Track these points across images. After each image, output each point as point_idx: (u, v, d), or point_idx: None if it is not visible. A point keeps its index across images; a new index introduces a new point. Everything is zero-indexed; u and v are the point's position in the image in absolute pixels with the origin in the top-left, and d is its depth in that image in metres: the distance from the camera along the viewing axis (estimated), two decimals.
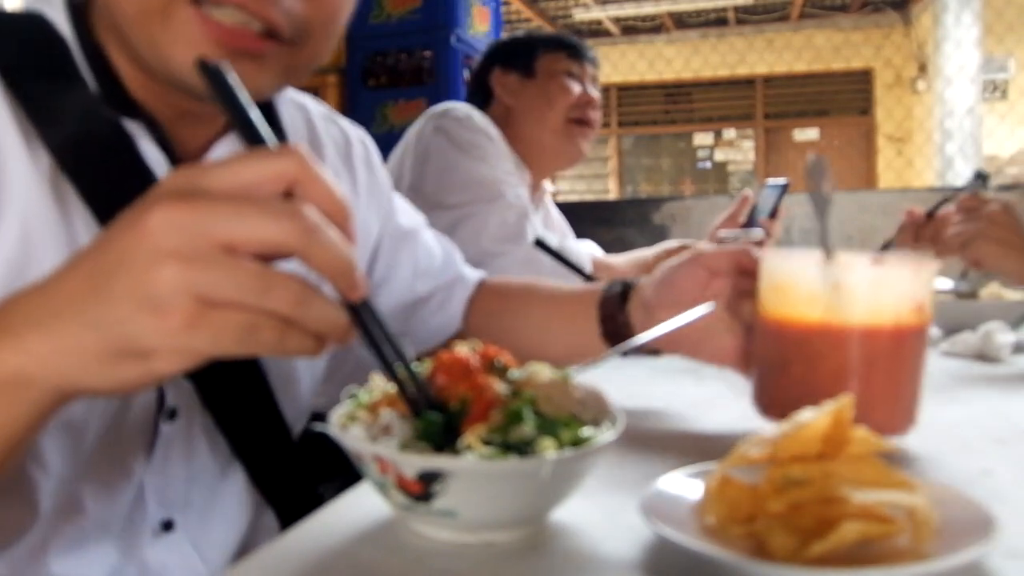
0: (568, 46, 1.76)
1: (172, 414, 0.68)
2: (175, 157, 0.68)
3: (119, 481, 0.66)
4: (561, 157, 1.75)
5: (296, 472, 0.78)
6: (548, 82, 1.72)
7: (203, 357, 0.40)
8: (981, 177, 1.55)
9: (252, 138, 0.44)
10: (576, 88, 1.72)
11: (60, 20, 0.66)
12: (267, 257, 0.40)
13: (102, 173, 0.63)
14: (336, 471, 1.16)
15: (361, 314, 0.45)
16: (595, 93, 1.76)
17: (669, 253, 1.79)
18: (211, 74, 0.45)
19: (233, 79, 0.45)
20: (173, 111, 0.68)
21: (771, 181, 1.69)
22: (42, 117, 0.62)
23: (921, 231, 1.42)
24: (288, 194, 0.41)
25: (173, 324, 0.38)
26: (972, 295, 1.30)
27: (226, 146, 0.71)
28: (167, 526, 0.70)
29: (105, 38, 0.66)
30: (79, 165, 0.63)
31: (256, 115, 0.45)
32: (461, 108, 1.66)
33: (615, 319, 0.84)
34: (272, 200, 0.40)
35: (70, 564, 0.64)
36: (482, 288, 1.02)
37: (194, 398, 0.68)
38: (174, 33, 0.59)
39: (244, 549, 0.76)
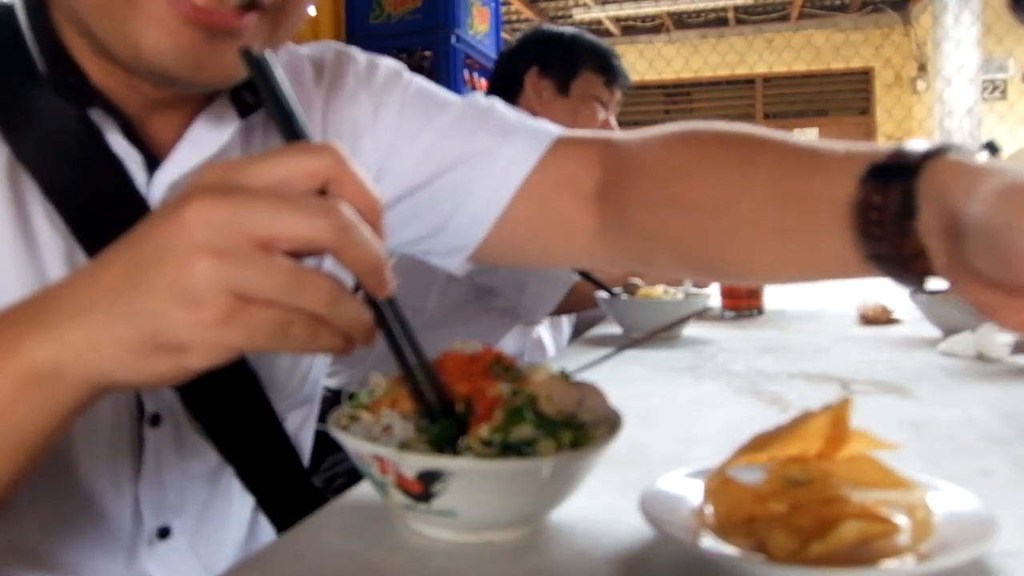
0: (607, 71, 1.76)
1: (155, 420, 0.66)
2: (145, 148, 0.65)
3: (109, 493, 0.65)
4: None
5: (290, 469, 0.76)
6: (580, 105, 1.72)
7: (236, 352, 0.41)
8: (991, 148, 1.58)
9: (291, 133, 0.45)
10: (601, 116, 1.74)
11: (19, 13, 0.63)
12: (300, 254, 0.41)
13: (66, 166, 0.62)
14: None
15: (384, 313, 0.45)
16: (613, 121, 1.78)
17: None
18: (254, 63, 0.45)
19: (278, 71, 0.45)
20: (141, 100, 0.65)
21: None
22: (1, 109, 0.60)
23: None
24: (322, 191, 0.41)
25: (207, 318, 0.38)
26: None
27: (200, 130, 0.67)
28: (163, 533, 0.69)
29: (64, 30, 0.63)
30: (40, 158, 0.61)
31: (297, 109, 0.45)
32: None
33: (894, 235, 0.48)
34: (307, 197, 0.40)
35: (62, 564, 0.63)
36: (578, 148, 0.74)
37: (176, 402, 0.67)
38: (142, 17, 0.56)
39: (245, 550, 0.76)
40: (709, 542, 0.45)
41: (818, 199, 0.54)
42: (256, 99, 0.69)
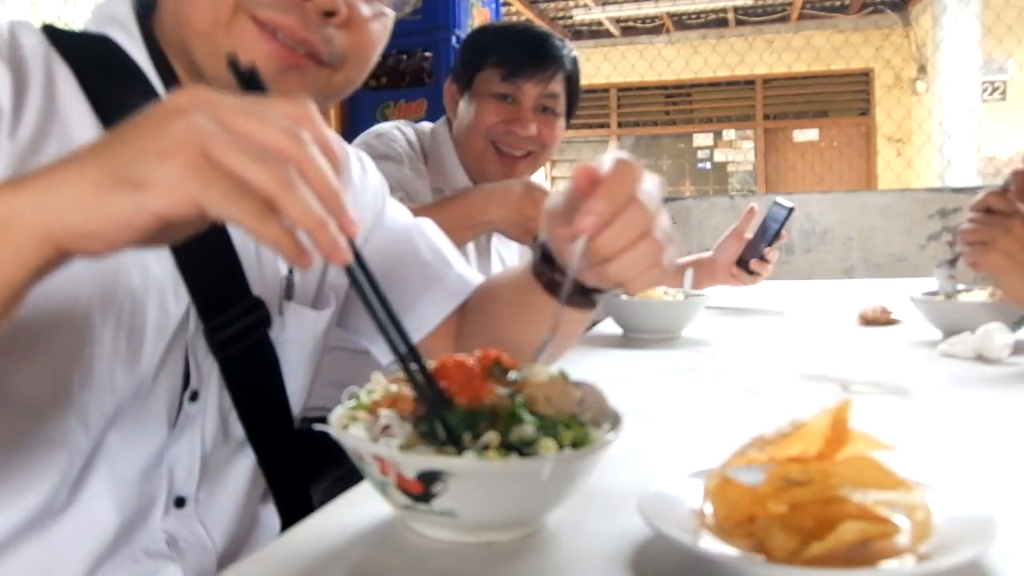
0: (505, 63, 1.48)
1: (194, 396, 0.74)
2: None
3: (143, 450, 0.71)
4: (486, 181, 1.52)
5: (297, 461, 0.83)
6: (477, 101, 1.51)
7: (191, 204, 0.43)
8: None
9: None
10: (499, 113, 1.49)
11: (130, 27, 0.74)
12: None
13: None
14: (329, 468, 1.16)
15: (353, 273, 0.48)
16: (531, 128, 1.49)
17: (698, 263, 1.75)
18: (239, 72, 0.51)
19: (260, 76, 0.51)
20: None
21: (778, 202, 1.66)
22: (107, 109, 0.70)
23: None
24: None
25: (173, 164, 0.43)
26: (955, 296, 1.30)
27: None
28: (180, 503, 0.75)
29: (166, 48, 0.76)
30: None
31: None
32: (385, 127, 1.58)
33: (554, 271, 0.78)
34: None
35: (80, 523, 0.68)
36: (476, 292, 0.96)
37: (214, 384, 0.75)
38: (236, 42, 0.69)
39: (246, 534, 0.81)
40: (709, 542, 0.45)
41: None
42: None
